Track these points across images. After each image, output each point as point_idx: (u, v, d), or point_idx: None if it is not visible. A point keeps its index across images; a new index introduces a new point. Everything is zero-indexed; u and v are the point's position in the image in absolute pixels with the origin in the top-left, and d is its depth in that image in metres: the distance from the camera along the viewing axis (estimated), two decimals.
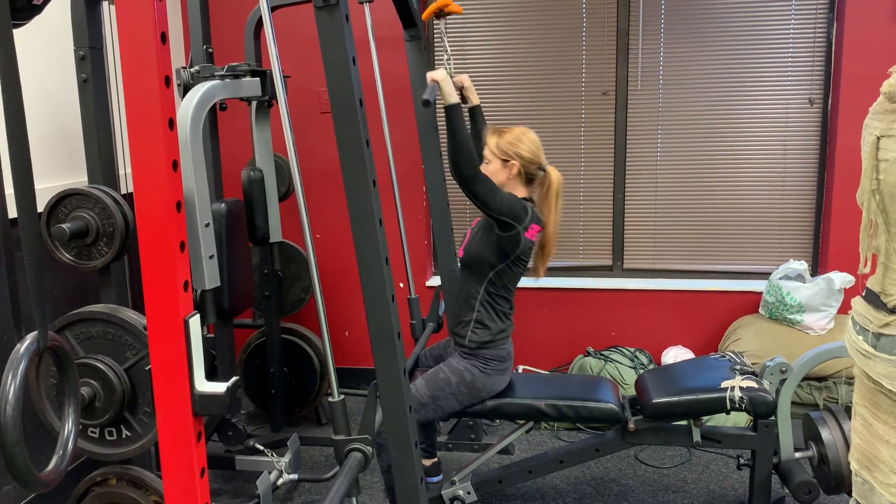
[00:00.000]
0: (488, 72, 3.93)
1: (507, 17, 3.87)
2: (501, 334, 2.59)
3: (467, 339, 2.57)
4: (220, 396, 1.24)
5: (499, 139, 2.57)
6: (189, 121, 2.10)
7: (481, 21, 3.89)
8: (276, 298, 3.30)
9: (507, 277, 2.56)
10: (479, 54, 3.92)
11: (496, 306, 2.57)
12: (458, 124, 2.37)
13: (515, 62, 3.90)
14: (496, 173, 2.57)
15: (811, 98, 3.69)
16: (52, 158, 2.90)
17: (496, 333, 2.57)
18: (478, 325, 2.57)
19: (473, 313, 2.57)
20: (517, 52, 3.89)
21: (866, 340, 1.44)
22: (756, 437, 2.59)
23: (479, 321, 2.57)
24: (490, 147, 2.58)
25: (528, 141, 2.56)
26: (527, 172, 2.57)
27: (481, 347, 2.56)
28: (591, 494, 3.00)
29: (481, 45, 3.91)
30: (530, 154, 2.54)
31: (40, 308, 1.16)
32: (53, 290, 2.86)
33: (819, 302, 3.42)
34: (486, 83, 3.94)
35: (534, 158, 2.55)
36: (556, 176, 2.58)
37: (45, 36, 2.86)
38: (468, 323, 2.58)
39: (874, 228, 1.45)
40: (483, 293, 2.56)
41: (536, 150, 2.56)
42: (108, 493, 2.09)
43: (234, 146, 3.92)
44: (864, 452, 1.51)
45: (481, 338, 2.56)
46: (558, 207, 2.59)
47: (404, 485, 1.93)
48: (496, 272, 2.54)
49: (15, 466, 1.11)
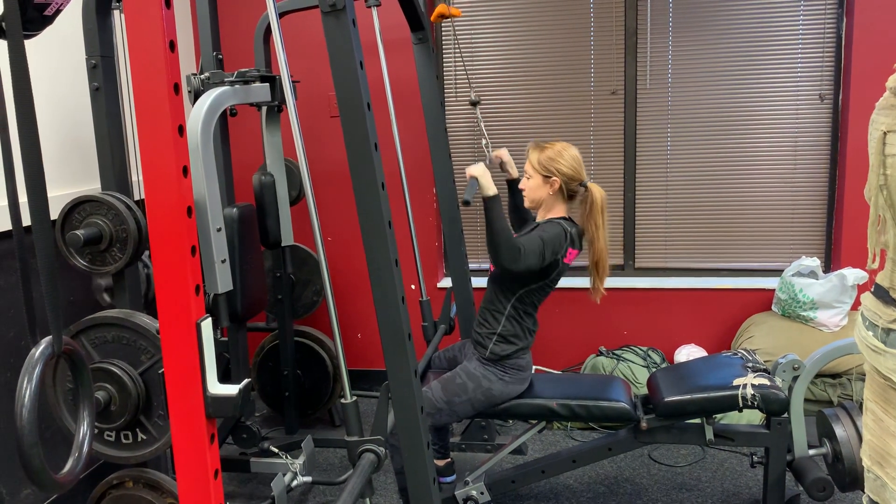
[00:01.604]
0: (497, 72, 3.94)
1: (516, 17, 3.88)
2: (523, 349, 2.60)
3: (489, 351, 2.58)
4: (232, 398, 1.26)
5: (539, 154, 2.57)
6: (200, 127, 2.11)
7: (490, 21, 3.90)
8: (289, 301, 3.32)
9: (536, 297, 2.58)
10: (488, 55, 3.93)
11: (522, 323, 2.58)
12: (495, 216, 2.35)
13: (524, 62, 3.91)
14: (536, 189, 2.58)
15: (822, 94, 3.67)
16: (66, 166, 2.94)
17: (518, 349, 2.58)
18: (501, 339, 2.58)
19: (499, 326, 2.58)
20: (526, 52, 3.90)
21: (876, 336, 1.43)
22: (769, 435, 2.58)
23: (502, 336, 2.57)
24: (531, 162, 2.59)
25: (568, 157, 2.55)
26: (568, 189, 2.56)
27: (501, 359, 2.58)
28: (605, 494, 3.00)
29: (490, 45, 3.92)
30: (571, 170, 2.54)
31: (54, 313, 1.18)
32: (69, 296, 2.89)
33: (832, 298, 3.40)
34: (495, 84, 3.95)
35: (574, 175, 2.55)
36: (598, 192, 2.56)
37: (57, 45, 2.89)
38: (492, 335, 2.58)
39: (882, 224, 1.44)
40: (510, 308, 2.57)
41: (577, 166, 2.55)
42: (125, 495, 2.11)
43: (245, 151, 3.95)
44: (876, 448, 1.50)
45: (504, 351, 2.57)
46: (605, 223, 2.58)
47: (417, 485, 1.94)
48: (527, 290, 2.55)
49: (31, 469, 1.13)
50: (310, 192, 2.01)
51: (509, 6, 3.87)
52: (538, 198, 2.60)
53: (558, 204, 2.60)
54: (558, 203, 2.60)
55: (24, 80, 1.11)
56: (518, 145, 3.95)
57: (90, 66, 2.37)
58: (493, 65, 3.94)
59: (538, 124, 3.94)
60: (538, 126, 3.93)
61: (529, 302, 2.57)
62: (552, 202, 2.59)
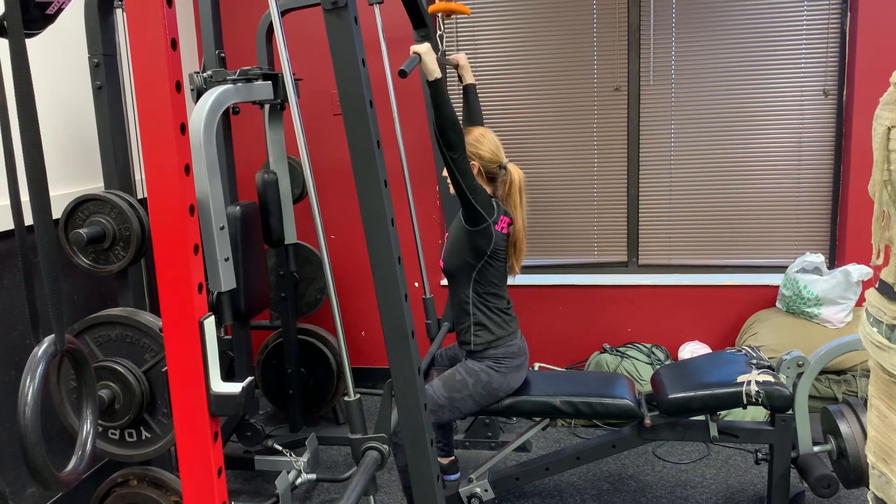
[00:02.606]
0: (500, 69, 3.93)
1: (518, 13, 3.87)
2: (504, 331, 2.61)
3: (472, 344, 2.60)
4: (235, 397, 1.26)
5: None
6: (202, 125, 2.12)
7: (492, 18, 3.89)
8: (293, 300, 3.33)
9: (489, 274, 2.60)
10: (490, 51, 3.92)
11: (489, 304, 2.61)
12: (441, 98, 2.37)
13: (527, 59, 3.90)
14: None
15: (826, 90, 3.66)
16: (69, 165, 2.94)
17: (498, 332, 2.60)
18: (478, 328, 2.60)
19: (470, 317, 2.61)
20: (528, 49, 3.89)
21: (880, 332, 1.43)
22: (773, 432, 2.57)
23: (477, 323, 2.61)
24: None
25: (487, 141, 2.61)
26: (487, 171, 2.62)
27: (488, 348, 2.59)
28: (609, 491, 3.00)
29: (493, 42, 3.92)
30: (490, 153, 2.60)
31: (57, 311, 1.18)
32: (73, 295, 2.90)
33: (836, 295, 3.39)
34: (497, 80, 3.94)
35: (493, 157, 2.61)
36: (517, 172, 2.65)
37: (60, 44, 2.89)
38: (468, 328, 2.62)
39: (886, 220, 1.43)
40: (473, 295, 2.61)
41: (496, 150, 2.62)
42: (129, 493, 2.11)
43: (248, 149, 3.95)
44: (881, 445, 1.50)
45: (484, 339, 2.59)
46: (523, 203, 2.66)
47: (420, 483, 1.95)
48: (478, 271, 2.58)
49: (34, 467, 1.13)
50: (312, 190, 2.01)
51: (512, 2, 3.86)
52: None
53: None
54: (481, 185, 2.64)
55: (26, 78, 1.11)
56: (522, 142, 3.95)
57: (93, 64, 2.38)
58: (496, 61, 3.93)
59: (541, 121, 3.93)
60: (541, 123, 3.93)
61: (487, 282, 2.60)
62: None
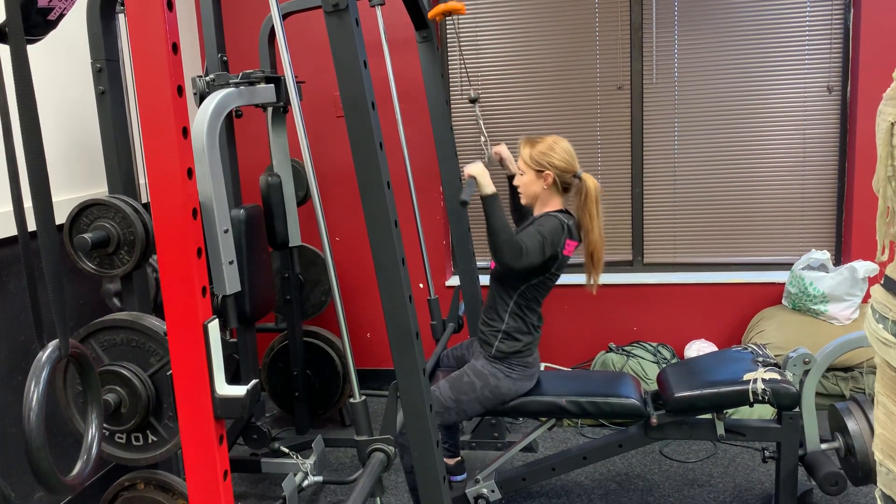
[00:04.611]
0: (502, 69, 3.93)
1: (520, 13, 3.87)
2: (529, 345, 2.59)
3: (495, 349, 2.57)
4: (240, 399, 1.26)
5: (531, 149, 2.56)
6: (205, 129, 2.12)
7: (495, 17, 3.89)
8: (298, 302, 3.33)
9: (538, 292, 2.56)
10: (492, 51, 3.92)
11: (526, 318, 2.57)
12: (494, 215, 2.35)
13: (529, 58, 3.90)
14: (531, 184, 2.58)
15: (829, 86, 3.65)
16: (73, 170, 2.95)
17: (524, 345, 2.57)
18: (506, 337, 2.57)
19: (502, 324, 2.57)
20: (531, 48, 3.89)
21: (886, 328, 1.42)
22: (780, 430, 2.56)
23: (507, 332, 2.56)
24: (523, 158, 2.58)
25: (560, 150, 2.54)
26: (562, 181, 2.56)
27: (508, 356, 2.57)
28: (617, 490, 2.99)
29: (495, 41, 3.92)
30: (563, 163, 2.53)
31: (60, 316, 1.18)
32: (78, 300, 2.91)
33: (843, 291, 3.38)
34: (500, 80, 3.94)
35: (567, 167, 2.54)
36: (592, 183, 2.55)
37: (63, 50, 2.90)
38: (497, 332, 2.57)
39: (891, 215, 1.43)
40: (513, 305, 2.56)
41: (570, 159, 2.55)
42: (136, 497, 2.12)
43: (251, 152, 3.96)
44: (888, 442, 1.49)
45: (509, 348, 2.56)
46: (599, 213, 2.57)
47: (427, 484, 1.94)
48: (528, 286, 2.54)
49: (39, 471, 1.13)
50: (316, 193, 2.01)
51: (514, 2, 3.86)
52: (533, 193, 2.59)
53: (554, 197, 2.59)
54: (554, 196, 2.59)
55: (28, 84, 1.11)
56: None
57: (95, 70, 2.38)
58: (498, 61, 3.93)
59: (544, 121, 3.93)
60: (544, 123, 3.92)
61: (532, 297, 2.56)
62: (547, 196, 2.59)
